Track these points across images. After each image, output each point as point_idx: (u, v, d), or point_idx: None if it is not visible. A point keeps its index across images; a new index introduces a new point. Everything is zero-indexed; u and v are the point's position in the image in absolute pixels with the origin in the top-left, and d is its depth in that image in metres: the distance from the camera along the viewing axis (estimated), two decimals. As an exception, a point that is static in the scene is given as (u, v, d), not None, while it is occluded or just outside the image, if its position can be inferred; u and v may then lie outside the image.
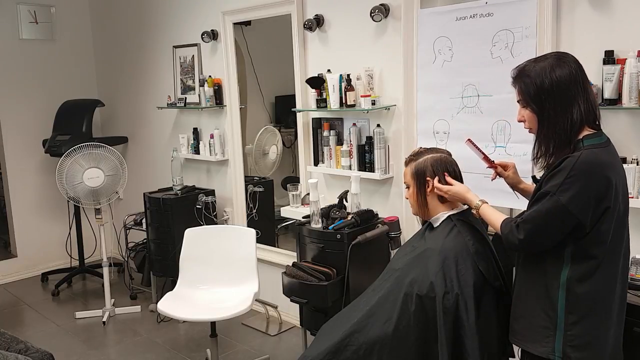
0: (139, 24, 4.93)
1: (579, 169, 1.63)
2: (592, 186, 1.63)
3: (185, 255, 3.42)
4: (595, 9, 2.44)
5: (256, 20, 3.96)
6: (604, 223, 1.66)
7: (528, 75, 1.73)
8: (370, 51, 3.25)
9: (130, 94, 5.19)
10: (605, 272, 1.70)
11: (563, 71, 1.69)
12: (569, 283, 1.69)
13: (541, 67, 1.71)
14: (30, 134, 5.15)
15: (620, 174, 1.72)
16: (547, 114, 1.70)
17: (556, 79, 1.69)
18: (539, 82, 1.70)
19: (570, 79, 1.69)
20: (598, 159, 1.66)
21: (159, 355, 3.65)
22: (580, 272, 1.68)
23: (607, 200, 1.65)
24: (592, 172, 1.63)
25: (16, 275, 5.18)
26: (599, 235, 1.67)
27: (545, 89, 1.69)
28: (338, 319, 2.16)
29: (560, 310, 1.70)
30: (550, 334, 1.72)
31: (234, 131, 4.17)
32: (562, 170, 1.65)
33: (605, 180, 1.64)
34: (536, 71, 1.72)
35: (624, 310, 1.79)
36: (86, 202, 4.24)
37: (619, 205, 1.69)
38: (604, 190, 1.64)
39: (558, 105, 1.69)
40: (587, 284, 1.68)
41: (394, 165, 3.23)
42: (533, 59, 1.78)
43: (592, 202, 1.63)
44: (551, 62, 1.72)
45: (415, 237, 2.19)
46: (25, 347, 2.61)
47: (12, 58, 5.05)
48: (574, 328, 1.69)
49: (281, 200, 4.11)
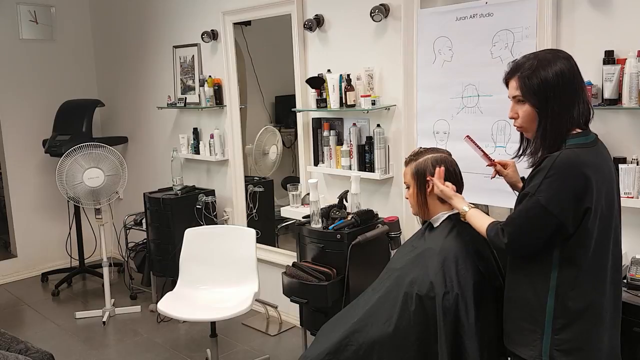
0: (139, 24, 4.93)
1: (556, 167, 1.60)
2: (569, 185, 1.60)
3: (185, 255, 3.42)
4: (595, 9, 2.44)
5: (256, 20, 3.96)
6: (587, 224, 1.62)
7: (530, 69, 1.68)
8: (370, 51, 3.25)
9: (130, 94, 5.19)
10: (592, 278, 1.66)
11: (565, 66, 1.66)
12: (557, 288, 1.66)
13: (542, 61, 1.67)
14: (30, 134, 5.15)
15: (604, 175, 1.67)
16: (551, 109, 1.66)
17: (560, 73, 1.65)
18: (544, 76, 1.66)
19: (571, 75, 1.66)
20: (577, 158, 1.62)
21: (159, 355, 3.65)
22: (569, 276, 1.65)
23: (588, 201, 1.60)
24: (570, 170, 1.60)
25: (16, 275, 5.18)
26: (582, 237, 1.63)
27: (550, 84, 1.65)
28: (338, 319, 2.16)
29: (549, 314, 1.67)
30: (537, 338, 1.70)
31: (234, 131, 4.17)
32: (541, 171, 1.63)
33: (583, 179, 1.60)
34: (540, 65, 1.67)
35: (619, 314, 1.76)
36: (86, 202, 4.24)
37: (601, 207, 1.64)
38: (582, 189, 1.60)
39: (563, 101, 1.66)
40: (574, 289, 1.65)
41: (394, 165, 3.23)
42: (529, 54, 1.74)
43: (571, 200, 1.60)
44: (551, 57, 1.68)
45: (415, 237, 2.19)
46: (25, 347, 2.61)
47: (12, 58, 5.05)
48: (562, 332, 1.66)
49: (281, 200, 4.11)
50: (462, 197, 1.98)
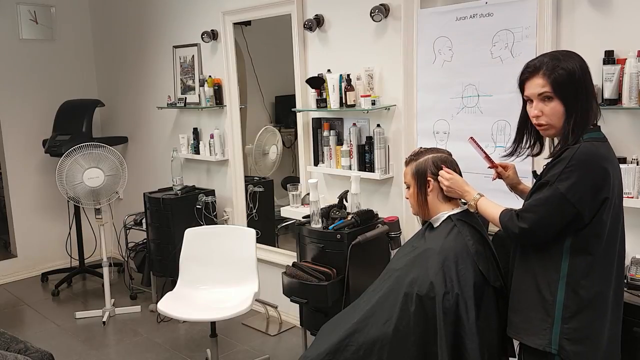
0: (139, 24, 4.93)
1: (578, 159, 1.64)
2: (590, 176, 1.65)
3: (185, 255, 3.42)
4: (595, 9, 2.44)
5: (256, 20, 3.96)
6: (602, 215, 1.67)
7: (556, 66, 1.70)
8: (370, 51, 3.25)
9: (130, 94, 5.19)
10: (603, 267, 1.70)
11: (582, 62, 1.72)
12: (568, 277, 1.69)
13: (565, 57, 1.72)
14: (30, 134, 5.15)
15: (616, 169, 1.73)
16: (580, 103, 1.70)
17: (581, 68, 1.71)
18: (572, 71, 1.69)
19: (588, 71, 1.73)
20: (597, 151, 1.67)
21: (159, 355, 3.65)
22: (580, 265, 1.69)
23: (606, 191, 1.66)
24: (591, 162, 1.65)
25: (16, 275, 5.18)
26: (597, 227, 1.68)
27: (577, 79, 1.69)
28: (338, 320, 2.16)
29: (559, 303, 1.70)
30: (547, 327, 1.72)
31: (234, 131, 4.17)
32: (562, 160, 1.67)
33: (603, 171, 1.66)
34: (565, 61, 1.71)
35: (620, 307, 1.79)
36: (86, 202, 4.24)
37: (615, 199, 1.70)
38: (601, 180, 1.65)
39: (588, 95, 1.72)
40: (586, 277, 1.69)
41: (394, 165, 3.23)
42: (541, 56, 1.77)
43: (589, 191, 1.64)
44: (568, 55, 1.74)
45: (415, 237, 2.19)
46: (25, 347, 2.61)
47: (12, 58, 5.05)
48: (571, 321, 1.69)
49: (281, 200, 4.11)
50: (472, 187, 2.00)
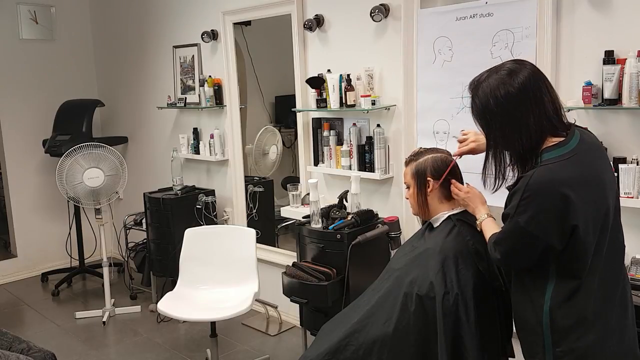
0: (139, 24, 4.93)
1: (531, 189, 1.56)
2: (547, 205, 1.55)
3: (185, 255, 3.42)
4: (595, 9, 2.44)
5: (256, 20, 3.96)
6: (578, 240, 1.56)
7: (476, 94, 1.67)
8: (370, 51, 3.25)
9: (130, 94, 5.19)
10: (598, 287, 1.62)
11: (512, 86, 1.60)
12: (552, 301, 1.63)
13: (489, 84, 1.64)
14: (30, 134, 5.15)
15: (589, 186, 1.58)
16: (493, 135, 1.67)
17: (502, 98, 1.61)
18: (485, 102, 1.64)
19: (518, 96, 1.60)
20: (553, 177, 1.55)
21: (159, 355, 3.65)
22: (565, 289, 1.61)
23: (572, 218, 1.54)
24: (546, 190, 1.55)
25: (16, 275, 5.18)
26: (577, 252, 1.58)
27: (490, 109, 1.63)
28: (338, 319, 2.16)
29: (546, 327, 1.64)
30: (539, 351, 1.67)
31: (234, 131, 4.17)
32: (517, 192, 1.60)
33: (560, 197, 1.53)
34: (483, 89, 1.65)
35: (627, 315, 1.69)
36: (86, 202, 4.24)
37: (592, 220, 1.57)
38: (562, 208, 1.53)
39: (505, 127, 1.63)
40: (570, 301, 1.61)
41: (394, 165, 3.23)
42: (488, 70, 1.69)
43: (553, 220, 1.55)
44: (499, 78, 1.63)
45: (415, 237, 2.19)
46: (27, 346, 2.61)
47: (12, 58, 5.05)
48: (562, 344, 1.63)
49: (281, 200, 4.11)
50: (485, 205, 1.95)
